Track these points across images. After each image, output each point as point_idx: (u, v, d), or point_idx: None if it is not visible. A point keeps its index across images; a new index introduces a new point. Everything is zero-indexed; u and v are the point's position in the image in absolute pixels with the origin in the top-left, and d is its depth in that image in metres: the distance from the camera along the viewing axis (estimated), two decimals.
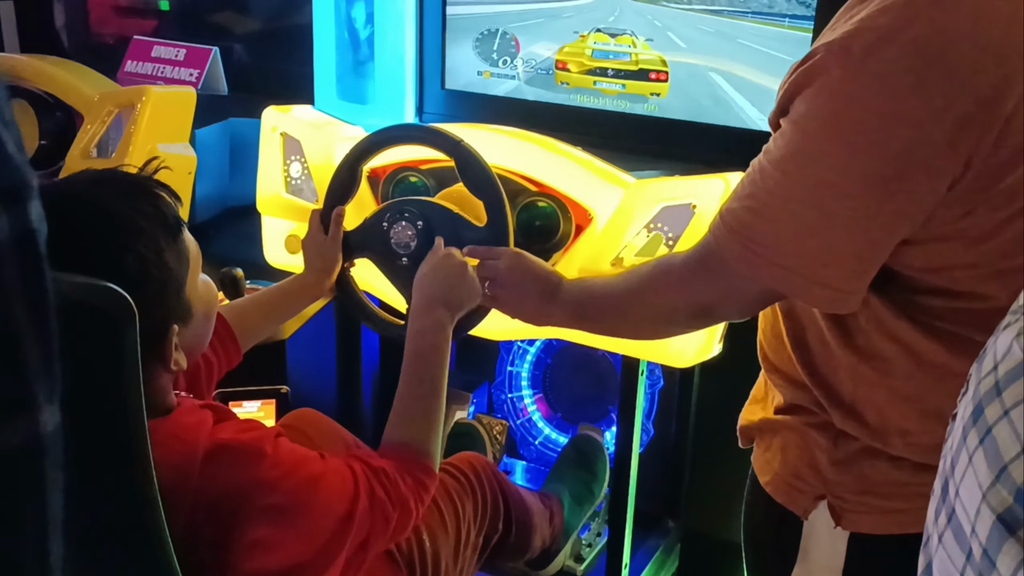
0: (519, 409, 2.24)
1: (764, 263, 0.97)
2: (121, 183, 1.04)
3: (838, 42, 0.91)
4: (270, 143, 1.81)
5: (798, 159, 0.94)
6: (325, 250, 1.52)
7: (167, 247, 1.02)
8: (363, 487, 1.12)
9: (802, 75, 0.94)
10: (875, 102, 0.88)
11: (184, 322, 1.06)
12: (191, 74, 2.35)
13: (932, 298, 0.99)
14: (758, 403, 1.25)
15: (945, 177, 0.90)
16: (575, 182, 1.59)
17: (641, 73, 1.90)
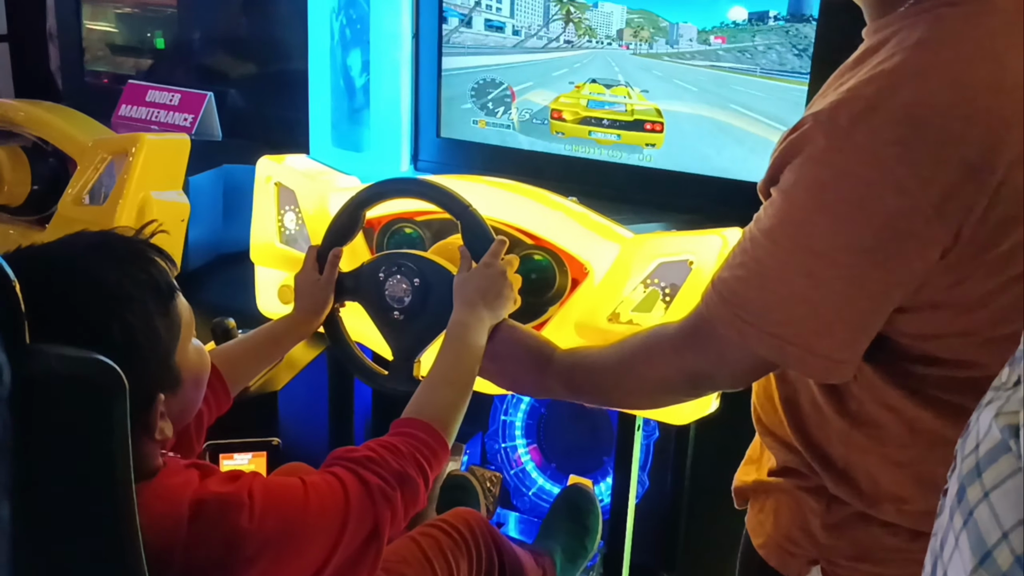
0: (513, 459, 2.21)
1: (755, 332, 0.96)
2: (115, 248, 1.02)
3: (825, 112, 0.90)
4: (264, 193, 1.80)
5: (787, 228, 0.94)
6: (317, 290, 1.50)
7: (157, 315, 1.00)
8: (351, 487, 1.08)
9: (790, 144, 0.94)
10: (862, 171, 0.88)
11: (172, 390, 1.03)
12: (185, 119, 2.35)
13: (925, 366, 0.99)
14: (753, 464, 1.24)
15: (935, 246, 0.89)
16: (571, 236, 1.58)
17: (636, 124, 1.90)
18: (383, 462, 1.13)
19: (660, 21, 1.80)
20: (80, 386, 0.76)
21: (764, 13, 1.71)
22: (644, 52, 1.84)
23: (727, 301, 0.98)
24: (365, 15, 2.05)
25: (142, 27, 2.63)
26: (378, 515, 1.10)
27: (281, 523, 1.04)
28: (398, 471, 1.13)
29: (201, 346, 1.11)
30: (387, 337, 1.50)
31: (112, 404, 0.77)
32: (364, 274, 1.50)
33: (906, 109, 0.87)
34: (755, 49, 1.73)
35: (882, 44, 0.94)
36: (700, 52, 1.78)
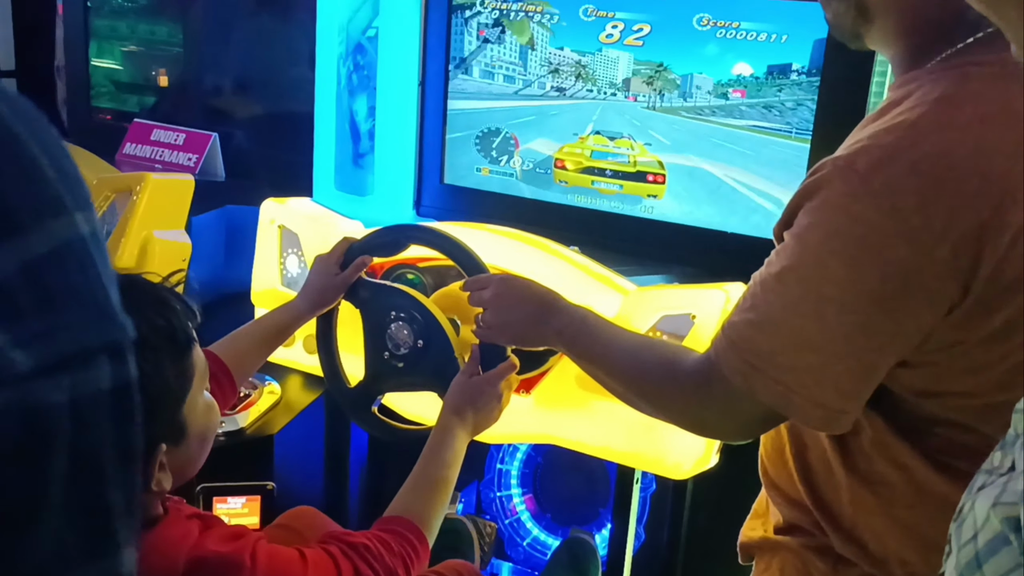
0: (508, 509, 2.19)
1: (761, 378, 0.95)
2: (138, 292, 1.01)
3: (844, 158, 0.91)
4: (267, 235, 1.81)
5: (799, 272, 0.94)
6: (332, 283, 1.51)
7: (170, 363, 0.99)
8: (346, 572, 1.08)
9: (807, 188, 0.94)
10: (877, 219, 0.88)
11: (175, 442, 1.02)
12: (189, 158, 2.36)
13: (933, 426, 0.98)
14: (759, 519, 1.22)
15: (944, 300, 0.89)
16: (574, 286, 1.58)
17: (639, 175, 1.91)
18: (379, 556, 1.14)
19: (669, 73, 1.82)
20: None
21: (786, 67, 1.73)
22: (647, 104, 1.85)
23: (735, 345, 0.98)
24: (372, 62, 2.07)
25: (147, 65, 2.64)
26: None
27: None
28: (390, 567, 1.14)
29: (212, 401, 1.10)
30: (368, 363, 1.52)
31: None
32: (379, 296, 1.51)
33: (925, 161, 0.88)
34: (765, 105, 1.75)
35: (905, 97, 0.94)
36: (710, 107, 1.80)
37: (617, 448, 1.56)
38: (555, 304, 1.27)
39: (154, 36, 2.60)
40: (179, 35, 2.59)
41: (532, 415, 1.62)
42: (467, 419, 1.37)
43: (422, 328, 1.48)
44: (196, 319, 1.04)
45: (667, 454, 1.51)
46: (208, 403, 1.09)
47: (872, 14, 0.99)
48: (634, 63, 1.85)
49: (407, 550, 1.18)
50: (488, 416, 1.40)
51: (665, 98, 1.83)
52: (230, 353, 1.37)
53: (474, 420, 1.38)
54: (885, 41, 1.01)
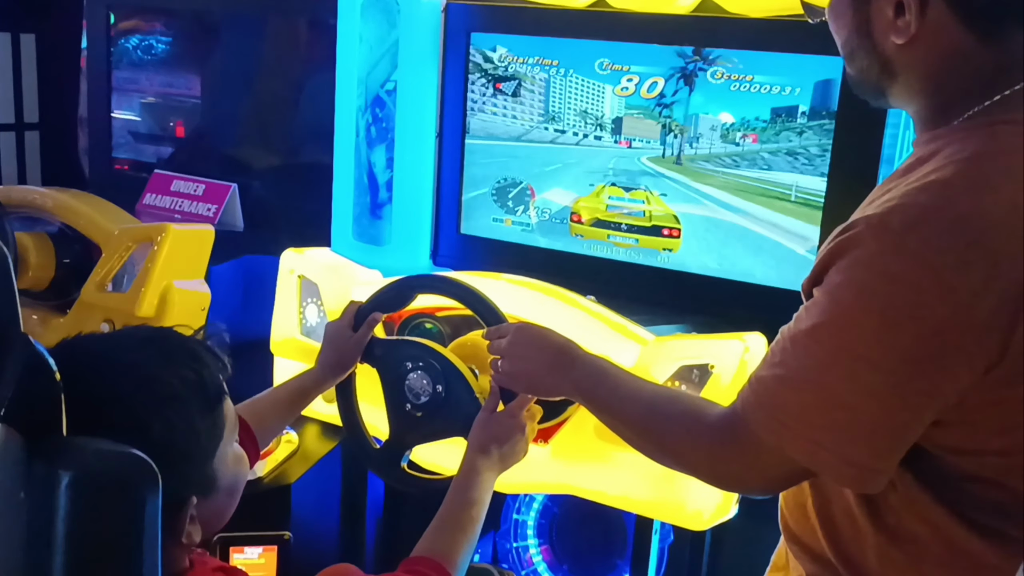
0: (524, 560, 2.17)
1: (791, 435, 0.95)
2: (168, 345, 1.01)
3: (877, 216, 0.90)
4: (287, 285, 1.82)
5: (831, 329, 0.93)
6: (347, 346, 1.52)
7: (201, 416, 0.99)
8: None
9: (838, 245, 0.93)
10: (913, 278, 0.88)
11: (205, 494, 1.01)
12: (208, 209, 2.39)
13: (966, 484, 0.96)
14: (780, 571, 1.21)
15: (981, 360, 0.88)
16: (591, 335, 1.59)
17: (654, 229, 1.92)
18: None
19: (682, 124, 1.84)
20: (113, 481, 0.76)
21: (792, 109, 1.74)
22: (661, 154, 1.87)
23: (763, 401, 0.97)
24: (391, 114, 2.10)
25: (166, 116, 2.69)
26: None
27: None
28: None
29: (242, 452, 1.10)
30: (391, 420, 1.52)
31: (145, 501, 0.77)
32: (393, 350, 1.52)
33: (962, 221, 0.88)
34: (774, 152, 1.76)
35: (933, 154, 0.94)
36: (723, 155, 1.82)
37: (636, 498, 1.55)
38: (573, 354, 1.27)
39: (172, 87, 2.65)
40: (197, 86, 2.64)
41: (550, 465, 1.61)
42: (492, 455, 1.35)
43: (440, 375, 1.48)
44: (227, 371, 1.04)
45: (686, 504, 1.50)
46: (238, 454, 1.08)
47: (896, 71, 1.00)
48: (648, 114, 1.87)
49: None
50: (514, 450, 1.38)
51: (678, 147, 1.85)
52: (253, 416, 1.37)
53: (499, 455, 1.36)
54: (909, 98, 1.02)
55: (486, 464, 1.35)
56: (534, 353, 1.31)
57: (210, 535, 1.07)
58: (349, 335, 1.51)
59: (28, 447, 0.75)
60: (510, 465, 1.39)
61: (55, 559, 0.75)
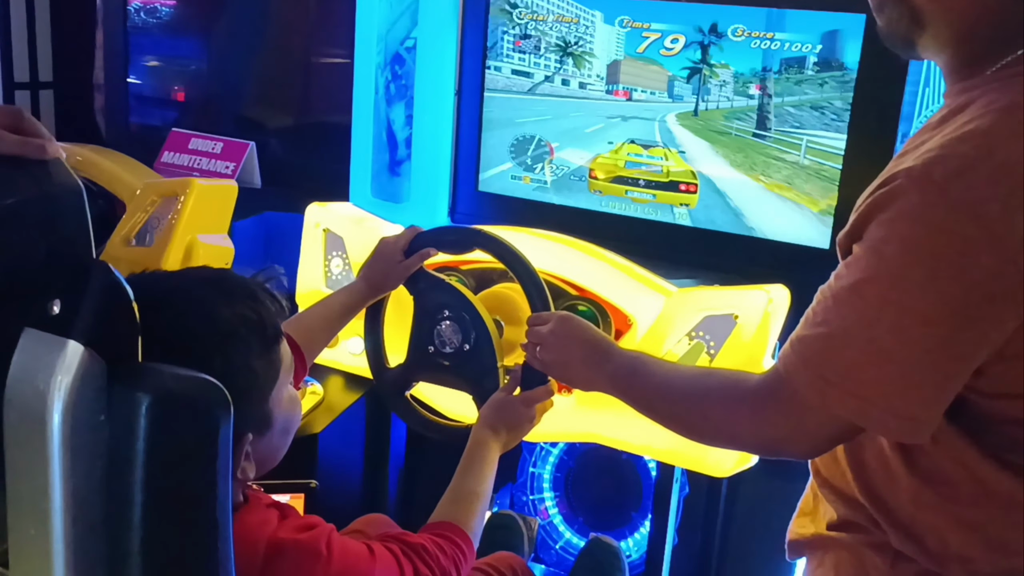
0: (539, 512, 2.22)
1: (838, 393, 0.95)
2: (230, 286, 1.04)
3: (918, 168, 0.91)
4: (312, 238, 1.84)
5: (876, 283, 0.93)
6: (394, 269, 1.57)
7: (258, 355, 1.02)
8: (407, 571, 1.13)
9: (879, 199, 0.94)
10: (959, 228, 0.89)
11: (260, 432, 1.05)
12: (227, 167, 2.40)
13: (1001, 426, 0.99)
14: (807, 516, 1.23)
15: None
16: (616, 288, 1.62)
17: (671, 184, 1.94)
18: (435, 557, 1.18)
19: (702, 76, 1.86)
20: (191, 404, 0.79)
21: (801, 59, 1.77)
22: (681, 111, 1.89)
23: (808, 361, 0.98)
24: (410, 71, 2.11)
25: (177, 79, 2.69)
26: None
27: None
28: (445, 568, 1.18)
29: (296, 394, 1.13)
30: (410, 350, 1.58)
31: (219, 424, 0.80)
32: (435, 290, 1.56)
33: (1003, 168, 0.89)
34: (795, 105, 1.79)
35: (967, 105, 0.96)
36: (740, 111, 1.84)
37: (658, 447, 1.59)
38: (609, 349, 1.30)
39: (185, 50, 2.65)
40: (210, 47, 2.65)
41: (574, 414, 1.65)
42: (500, 435, 1.43)
43: (469, 331, 1.51)
44: (284, 313, 1.07)
45: (708, 452, 1.53)
46: (292, 395, 1.12)
47: (926, 21, 1.00)
48: (668, 71, 1.89)
49: (457, 554, 1.23)
50: (519, 435, 1.47)
51: (695, 102, 1.87)
52: (300, 331, 1.41)
53: (506, 437, 1.44)
54: (939, 49, 1.02)
55: (495, 441, 1.42)
56: (572, 345, 1.34)
57: (263, 472, 1.10)
58: (400, 259, 1.55)
59: (109, 372, 0.77)
60: (510, 448, 1.48)
61: (135, 479, 0.78)
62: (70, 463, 0.76)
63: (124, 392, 0.77)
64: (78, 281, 0.77)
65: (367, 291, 1.58)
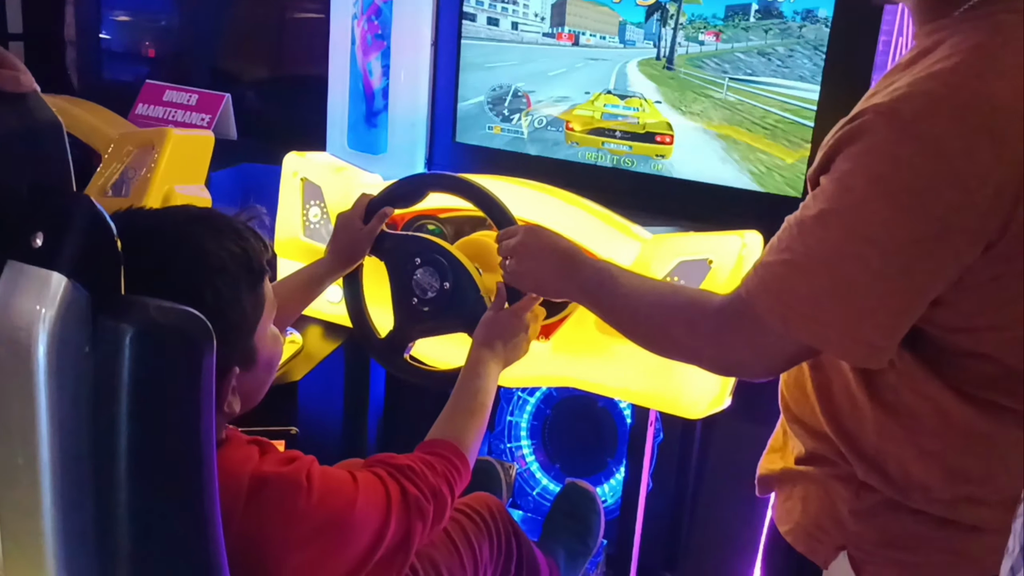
0: (517, 459, 2.25)
1: (799, 318, 0.99)
2: (215, 222, 1.05)
3: (886, 104, 0.93)
4: (290, 187, 1.85)
5: (841, 214, 0.96)
6: (357, 237, 1.57)
7: (246, 290, 1.03)
8: (394, 493, 1.13)
9: (847, 134, 0.97)
10: (923, 163, 0.92)
11: (246, 367, 1.07)
12: (202, 118, 2.39)
13: (961, 359, 1.02)
14: (776, 452, 1.27)
15: (983, 239, 0.94)
16: (592, 234, 1.64)
17: (647, 136, 1.96)
18: (423, 476, 1.18)
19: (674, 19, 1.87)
20: (174, 335, 0.80)
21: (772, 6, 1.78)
22: (654, 58, 1.90)
23: (770, 287, 1.01)
24: (387, 21, 2.11)
25: (148, 35, 2.67)
26: (411, 524, 1.15)
27: (334, 511, 1.08)
28: (434, 486, 1.19)
29: (278, 333, 1.14)
30: (396, 312, 1.57)
31: (202, 355, 0.81)
32: (402, 245, 1.56)
33: (968, 107, 0.92)
34: (768, 51, 1.80)
35: (937, 45, 0.98)
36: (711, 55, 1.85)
37: (634, 389, 1.61)
38: (579, 257, 1.32)
39: (159, 3, 2.62)
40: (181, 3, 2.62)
41: (551, 360, 1.67)
42: (497, 350, 1.42)
43: (447, 271, 1.53)
44: (268, 251, 1.08)
45: (682, 394, 1.57)
46: (275, 333, 1.13)
47: None
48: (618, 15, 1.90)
49: (449, 470, 1.23)
50: (517, 347, 1.46)
51: (668, 49, 1.88)
52: None
53: (504, 351, 1.43)
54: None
55: (492, 357, 1.41)
56: (542, 255, 1.36)
57: (247, 408, 1.12)
58: (360, 227, 1.56)
59: (93, 304, 0.78)
60: (512, 361, 1.46)
61: (120, 409, 0.79)
62: (56, 393, 0.77)
63: (108, 323, 0.78)
64: (60, 214, 0.78)
65: (335, 263, 1.58)
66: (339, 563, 1.08)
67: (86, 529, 0.82)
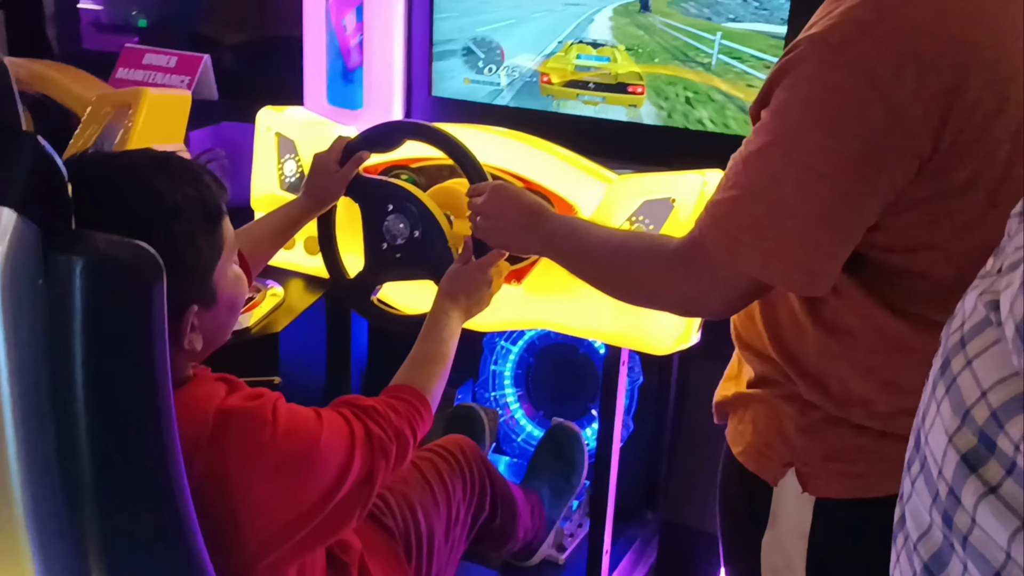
0: (502, 407, 2.29)
1: (744, 248, 1.02)
2: (172, 165, 1.09)
3: (819, 34, 0.97)
4: (265, 142, 1.87)
5: (780, 144, 1.00)
6: (331, 180, 1.61)
7: (201, 232, 1.07)
8: (358, 431, 1.17)
9: (783, 66, 1.01)
10: (853, 88, 0.95)
11: (206, 306, 1.10)
12: (182, 80, 2.41)
13: (894, 278, 1.07)
14: (731, 380, 1.32)
15: (914, 159, 0.97)
16: (560, 178, 1.66)
17: (619, 86, 1.98)
18: (386, 417, 1.23)
19: None
20: (123, 266, 0.84)
21: None
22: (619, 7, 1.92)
23: (718, 220, 1.05)
24: None
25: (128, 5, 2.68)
26: (375, 462, 1.19)
27: (298, 445, 1.11)
28: (397, 427, 1.23)
29: (241, 273, 1.18)
30: (367, 255, 1.62)
31: (151, 286, 0.85)
32: (376, 189, 1.60)
33: (894, 33, 0.95)
34: None
35: None
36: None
37: (604, 329, 1.65)
38: (544, 213, 1.36)
39: None
40: None
41: (523, 303, 1.70)
42: (460, 302, 1.47)
43: (417, 220, 1.56)
44: (226, 194, 1.11)
45: (649, 332, 1.60)
46: (237, 273, 1.17)
47: None
48: None
49: (412, 414, 1.27)
50: (479, 300, 1.50)
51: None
52: (245, 242, 1.45)
53: (466, 304, 1.48)
54: None
55: (454, 308, 1.46)
56: (508, 212, 1.40)
57: (213, 348, 1.16)
58: (336, 169, 1.59)
59: (44, 239, 0.82)
60: (475, 313, 1.51)
61: (75, 342, 0.83)
62: (12, 324, 0.81)
63: (59, 257, 0.82)
64: (8, 152, 0.81)
65: (310, 205, 1.62)
66: (303, 497, 1.11)
67: (48, 457, 0.86)
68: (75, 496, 0.87)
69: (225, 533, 1.04)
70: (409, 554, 1.40)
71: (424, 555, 1.42)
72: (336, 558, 1.30)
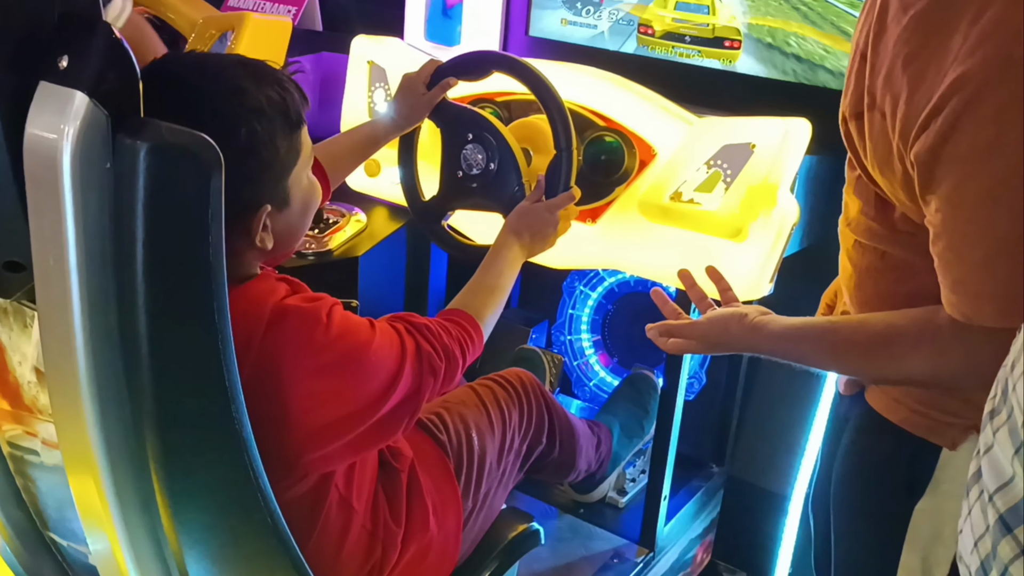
0: (576, 351, 2.31)
1: None
2: (259, 69, 1.12)
3: (992, 56, 0.86)
4: (358, 70, 1.91)
5: (1010, 183, 0.89)
6: (418, 102, 1.64)
7: (281, 134, 1.10)
8: (409, 346, 1.20)
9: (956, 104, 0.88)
10: None
11: (279, 208, 1.14)
12: (289, 10, 2.47)
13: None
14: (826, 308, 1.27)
15: None
16: (641, 119, 1.65)
17: (716, 41, 1.95)
18: (438, 336, 1.25)
19: None
20: (184, 153, 0.88)
21: None
22: None
23: (981, 295, 0.95)
24: None
25: None
26: (423, 378, 1.21)
27: (348, 348, 1.15)
28: (447, 347, 1.25)
29: (315, 181, 1.22)
30: (442, 180, 1.65)
31: (210, 174, 0.89)
32: (459, 117, 1.62)
33: None
34: None
35: None
36: None
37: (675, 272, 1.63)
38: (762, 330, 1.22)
39: None
40: None
41: (597, 242, 1.71)
42: (524, 238, 1.48)
43: (495, 151, 1.58)
44: (307, 104, 1.15)
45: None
46: (312, 181, 1.20)
47: None
48: None
49: (464, 336, 1.30)
50: (544, 240, 1.51)
51: None
52: (327, 156, 1.49)
53: (530, 241, 1.49)
54: None
55: (518, 244, 1.48)
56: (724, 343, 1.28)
57: (283, 251, 1.20)
58: (423, 91, 1.62)
59: (113, 124, 0.86)
60: (536, 253, 1.52)
61: (137, 219, 0.88)
62: (80, 201, 0.86)
63: (126, 141, 0.86)
64: (84, 39, 0.86)
65: (393, 124, 1.64)
66: (350, 399, 1.15)
67: (111, 328, 0.91)
68: (132, 365, 0.92)
69: (273, 420, 1.08)
70: (460, 471, 1.44)
71: (474, 474, 1.45)
72: (388, 463, 1.34)
